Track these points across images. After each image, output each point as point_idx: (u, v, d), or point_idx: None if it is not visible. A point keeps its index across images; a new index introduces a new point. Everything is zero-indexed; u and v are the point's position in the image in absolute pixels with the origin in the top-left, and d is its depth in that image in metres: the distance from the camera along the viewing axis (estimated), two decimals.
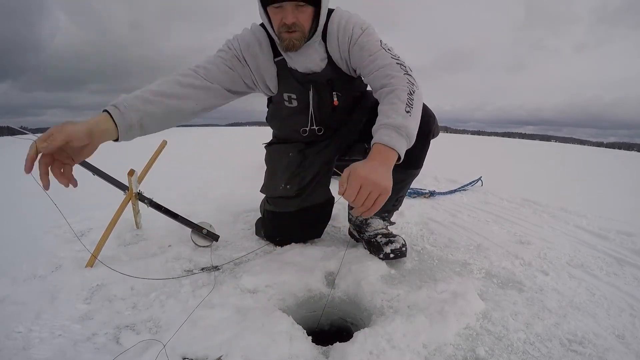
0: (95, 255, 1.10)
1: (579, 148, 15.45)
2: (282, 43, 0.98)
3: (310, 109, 1.13)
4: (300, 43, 0.98)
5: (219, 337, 0.76)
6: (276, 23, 0.95)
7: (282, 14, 0.92)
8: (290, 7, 0.91)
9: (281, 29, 0.95)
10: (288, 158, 1.22)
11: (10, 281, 1.00)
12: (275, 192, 1.25)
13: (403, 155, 0.84)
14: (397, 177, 1.20)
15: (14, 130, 1.28)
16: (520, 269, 1.18)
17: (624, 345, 0.81)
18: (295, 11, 0.92)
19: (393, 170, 0.96)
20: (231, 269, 1.13)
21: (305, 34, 0.97)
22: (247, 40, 1.04)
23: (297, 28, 0.94)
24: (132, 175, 1.26)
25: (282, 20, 0.93)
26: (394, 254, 1.15)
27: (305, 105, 1.12)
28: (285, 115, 1.17)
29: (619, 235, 1.57)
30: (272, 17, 0.94)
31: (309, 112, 1.14)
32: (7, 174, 3.16)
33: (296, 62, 1.06)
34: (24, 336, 0.77)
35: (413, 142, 0.85)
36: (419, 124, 0.88)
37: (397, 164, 0.85)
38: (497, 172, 3.06)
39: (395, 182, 1.21)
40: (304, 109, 1.13)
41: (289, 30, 0.94)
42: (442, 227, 1.60)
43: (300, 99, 1.11)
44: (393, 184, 1.25)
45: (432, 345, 0.77)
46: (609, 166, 6.18)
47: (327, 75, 1.08)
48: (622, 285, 1.11)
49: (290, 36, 0.96)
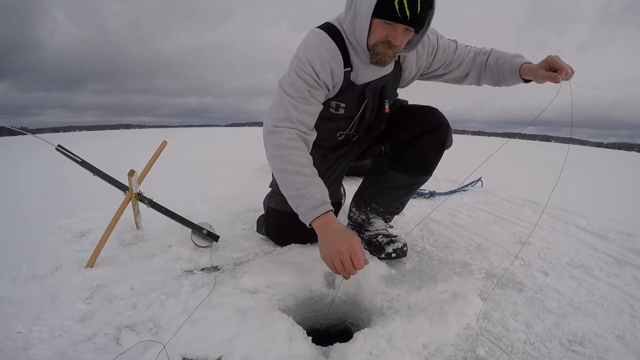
0: (95, 255, 1.10)
1: (578, 148, 15.45)
2: (375, 56, 0.98)
3: (355, 117, 1.15)
4: (391, 60, 1.00)
5: (219, 337, 0.76)
6: (378, 36, 0.93)
7: (390, 32, 0.92)
8: (401, 29, 0.91)
9: (381, 44, 0.94)
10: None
11: (10, 281, 1.00)
12: None
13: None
14: (406, 181, 1.23)
15: (14, 131, 1.28)
16: (520, 269, 1.18)
17: (624, 345, 0.81)
18: (403, 33, 0.93)
19: (406, 175, 1.23)
20: (231, 269, 1.13)
21: (397, 53, 1.00)
22: (321, 60, 0.98)
23: (395, 48, 0.95)
24: (132, 176, 1.26)
25: (387, 37, 0.93)
26: (395, 253, 1.15)
27: (352, 114, 1.14)
28: (326, 119, 1.14)
29: (619, 235, 1.57)
30: (377, 30, 0.92)
31: (354, 120, 1.16)
32: (7, 174, 3.16)
33: (363, 74, 1.05)
34: (24, 336, 0.77)
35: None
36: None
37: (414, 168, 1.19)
38: (497, 172, 3.06)
39: (404, 185, 1.23)
40: (350, 117, 1.15)
41: (388, 48, 0.95)
42: (442, 228, 1.60)
43: (349, 108, 1.12)
44: (402, 188, 1.31)
45: (432, 346, 0.77)
46: (608, 166, 6.18)
47: (384, 82, 1.10)
48: (622, 285, 1.11)
49: (386, 52, 0.96)
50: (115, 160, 3.85)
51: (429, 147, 1.17)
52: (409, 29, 0.92)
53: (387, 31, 0.92)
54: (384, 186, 1.25)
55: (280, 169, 0.96)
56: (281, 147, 0.95)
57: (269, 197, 1.33)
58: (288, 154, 0.94)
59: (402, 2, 0.85)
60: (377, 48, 0.96)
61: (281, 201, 1.24)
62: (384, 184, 1.25)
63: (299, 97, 0.98)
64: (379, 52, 0.96)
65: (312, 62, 0.97)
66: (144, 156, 1.43)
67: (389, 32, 0.92)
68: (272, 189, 1.32)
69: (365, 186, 1.32)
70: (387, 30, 0.91)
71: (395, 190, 1.24)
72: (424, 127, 1.16)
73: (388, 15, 0.88)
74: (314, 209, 0.92)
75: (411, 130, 1.17)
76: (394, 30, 0.91)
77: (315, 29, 1.03)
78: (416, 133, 1.16)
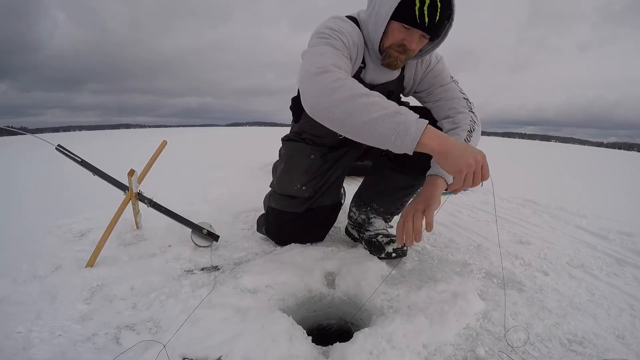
0: (95, 255, 1.10)
1: (578, 148, 15.45)
2: (387, 58, 0.98)
3: None
4: (401, 65, 1.00)
5: (219, 337, 0.76)
6: (394, 39, 0.93)
7: (406, 36, 0.92)
8: (418, 34, 0.91)
9: (396, 47, 0.95)
10: (309, 160, 1.20)
11: (10, 281, 1.00)
12: (287, 191, 1.23)
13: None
14: (406, 182, 1.23)
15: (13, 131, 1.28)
16: (520, 269, 1.18)
17: (624, 345, 0.81)
18: (418, 39, 0.93)
19: (407, 176, 1.19)
20: (231, 269, 1.13)
21: (409, 59, 1.00)
22: (354, 40, 0.96)
23: (408, 53, 0.95)
24: (132, 176, 1.26)
25: (403, 41, 0.93)
26: (395, 253, 1.16)
27: None
28: None
29: (619, 235, 1.57)
30: (394, 32, 0.93)
31: None
32: (7, 174, 3.16)
33: (372, 74, 1.05)
34: (24, 336, 0.77)
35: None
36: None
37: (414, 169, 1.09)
38: (497, 172, 3.06)
39: (404, 186, 1.24)
40: None
41: (402, 52, 0.95)
42: (442, 227, 1.60)
43: None
44: (402, 189, 1.30)
45: (432, 346, 0.77)
46: (608, 166, 6.18)
47: (390, 88, 1.11)
48: (622, 285, 1.11)
49: (399, 56, 0.96)
50: (115, 160, 3.85)
51: None
52: (425, 36, 0.92)
53: (404, 35, 0.92)
54: (384, 186, 1.25)
55: (351, 95, 0.78)
56: (340, 80, 0.80)
57: (269, 196, 1.33)
58: (352, 83, 0.80)
59: (422, 8, 0.85)
60: (390, 51, 0.96)
61: (281, 201, 1.25)
62: (384, 184, 1.25)
63: (334, 51, 0.89)
64: (391, 54, 0.96)
65: (347, 33, 0.93)
66: (144, 156, 1.43)
67: (406, 36, 0.92)
68: (272, 188, 1.32)
69: (366, 186, 1.32)
70: (404, 34, 0.92)
71: (395, 191, 1.25)
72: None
73: (408, 19, 0.88)
74: (418, 122, 0.75)
75: None
76: (411, 35, 0.91)
77: (340, 15, 1.00)
78: None
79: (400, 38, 0.93)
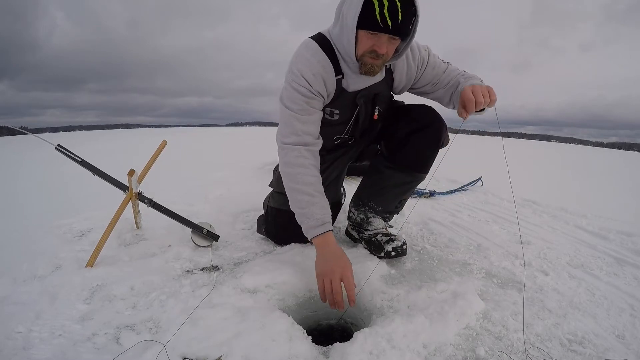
0: (95, 255, 1.10)
1: (579, 148, 15.46)
2: (363, 67, 1.00)
3: (350, 122, 1.17)
4: (380, 70, 1.02)
5: (219, 337, 0.76)
6: (364, 47, 0.96)
7: (375, 42, 0.94)
8: (385, 38, 0.92)
9: (368, 54, 0.96)
10: None
11: (10, 281, 1.00)
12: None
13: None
14: (403, 179, 1.23)
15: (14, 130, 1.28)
16: (520, 269, 1.18)
17: (624, 345, 0.81)
18: (388, 42, 0.94)
19: (403, 173, 1.23)
20: (231, 268, 1.13)
21: (386, 62, 1.01)
22: (312, 71, 1.02)
23: (382, 57, 0.97)
24: (132, 175, 1.26)
25: (373, 47, 0.94)
26: (395, 252, 1.15)
27: (346, 119, 1.16)
28: (323, 124, 1.16)
29: (619, 235, 1.57)
30: (362, 40, 0.95)
31: (348, 125, 1.18)
32: (7, 174, 3.16)
33: (354, 82, 1.08)
34: (24, 336, 0.77)
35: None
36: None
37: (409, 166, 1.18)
38: (497, 172, 3.06)
39: (401, 183, 1.24)
40: (344, 122, 1.17)
41: (375, 57, 0.96)
42: (442, 227, 1.60)
43: (343, 114, 1.14)
44: (398, 186, 1.31)
45: (432, 345, 0.77)
46: (609, 166, 6.18)
47: (375, 90, 1.12)
48: (622, 285, 1.11)
49: (373, 62, 0.98)
50: (115, 160, 3.85)
51: (424, 144, 1.17)
52: (394, 38, 0.93)
53: (372, 41, 0.94)
54: (381, 185, 1.25)
55: (288, 187, 1.05)
56: (289, 165, 1.04)
57: (269, 196, 1.33)
58: (296, 173, 1.02)
59: (382, 12, 0.86)
60: (364, 58, 0.98)
61: (281, 200, 1.25)
62: (380, 182, 1.25)
63: (298, 109, 1.03)
64: (366, 62, 0.99)
65: (305, 74, 1.01)
66: (144, 156, 1.43)
67: (374, 42, 0.94)
68: (272, 188, 1.32)
69: (363, 185, 1.32)
70: (372, 40, 0.94)
71: (392, 188, 1.25)
72: (418, 124, 1.17)
73: (371, 26, 0.90)
74: (314, 228, 0.99)
75: (406, 127, 1.18)
76: (379, 39, 0.93)
77: (307, 40, 1.07)
78: (410, 130, 1.17)
79: (369, 45, 0.94)
